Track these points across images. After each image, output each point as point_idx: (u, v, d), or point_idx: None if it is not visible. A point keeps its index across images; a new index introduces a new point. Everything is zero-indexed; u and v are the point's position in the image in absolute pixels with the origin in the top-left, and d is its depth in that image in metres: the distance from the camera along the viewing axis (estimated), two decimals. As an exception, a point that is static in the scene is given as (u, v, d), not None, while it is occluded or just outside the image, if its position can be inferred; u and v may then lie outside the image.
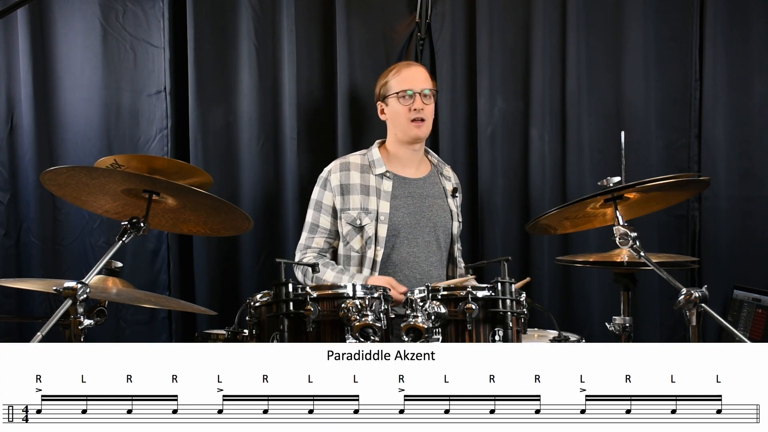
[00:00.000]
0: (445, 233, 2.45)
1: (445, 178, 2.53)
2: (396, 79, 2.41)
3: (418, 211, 2.41)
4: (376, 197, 2.38)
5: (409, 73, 2.41)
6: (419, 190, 2.44)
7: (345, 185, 2.40)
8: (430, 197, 2.45)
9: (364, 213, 2.36)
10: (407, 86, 2.38)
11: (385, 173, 2.41)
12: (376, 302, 1.71)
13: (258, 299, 1.79)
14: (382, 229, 2.35)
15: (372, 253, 2.34)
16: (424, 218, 2.41)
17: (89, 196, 1.79)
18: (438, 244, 2.43)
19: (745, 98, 2.76)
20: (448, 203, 2.48)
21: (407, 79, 2.40)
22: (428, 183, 2.48)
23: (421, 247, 2.39)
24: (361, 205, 2.37)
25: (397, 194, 2.40)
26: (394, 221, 2.37)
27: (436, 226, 2.42)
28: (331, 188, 2.41)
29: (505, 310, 1.69)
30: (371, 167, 2.43)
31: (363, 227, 2.36)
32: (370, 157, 2.45)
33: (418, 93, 2.37)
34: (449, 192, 2.50)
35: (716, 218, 2.78)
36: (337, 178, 2.41)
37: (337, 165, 2.45)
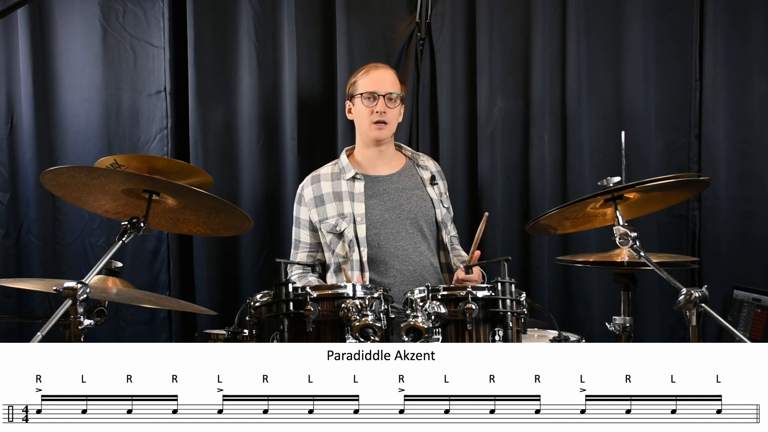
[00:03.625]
0: (428, 222, 2.45)
1: (422, 168, 2.53)
2: (363, 80, 2.43)
3: (396, 206, 2.42)
4: (350, 201, 2.40)
5: (377, 75, 2.42)
6: (393, 185, 2.46)
7: (318, 197, 2.43)
8: (407, 190, 2.46)
9: (341, 218, 2.38)
10: (372, 88, 2.39)
11: (355, 176, 2.43)
12: (376, 302, 1.71)
13: (258, 299, 1.79)
14: (362, 230, 2.36)
15: (357, 255, 2.35)
16: (403, 212, 2.41)
17: (89, 196, 1.79)
18: (423, 234, 2.43)
19: (745, 98, 2.75)
20: (426, 192, 2.48)
21: (374, 81, 2.41)
22: (402, 177, 2.49)
23: (406, 240, 2.40)
24: (337, 211, 2.40)
25: (370, 194, 2.42)
26: (372, 220, 2.38)
27: (416, 217, 2.42)
28: (305, 203, 2.46)
29: (505, 310, 1.69)
30: (341, 173, 2.45)
31: (343, 232, 2.37)
32: (339, 165, 2.49)
33: (382, 96, 2.38)
34: (427, 180, 2.50)
35: (716, 218, 2.78)
36: (310, 192, 2.45)
37: (308, 179, 2.50)
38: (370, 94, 2.39)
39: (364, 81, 2.42)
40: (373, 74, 2.42)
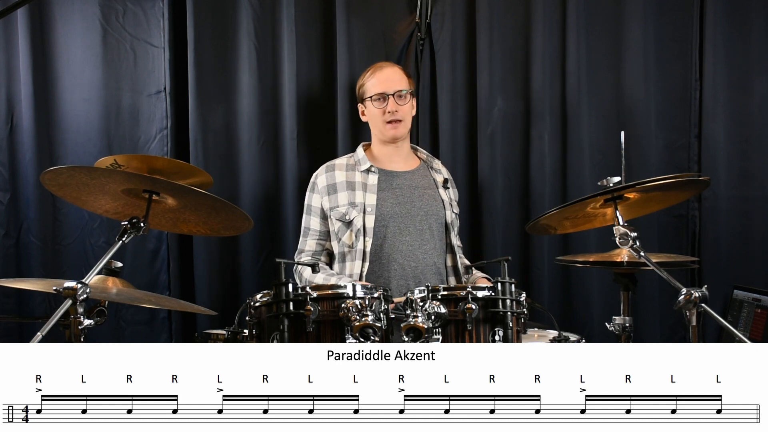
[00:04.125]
0: (438, 222, 2.45)
1: (435, 171, 2.55)
2: (370, 81, 2.45)
3: (408, 201, 2.42)
4: (363, 191, 2.41)
5: (383, 75, 2.44)
6: (407, 182, 2.46)
7: (331, 185, 2.44)
8: (420, 188, 2.47)
9: (352, 207, 2.39)
10: (381, 89, 2.41)
11: (370, 168, 2.44)
12: (376, 302, 1.71)
13: (258, 299, 1.79)
14: (370, 220, 2.37)
15: (361, 245, 2.36)
16: (414, 207, 2.42)
17: (89, 196, 1.79)
18: (431, 233, 2.43)
19: (745, 98, 2.75)
20: (439, 193, 2.49)
21: (381, 81, 2.43)
22: (416, 175, 2.50)
23: (413, 235, 2.40)
24: (348, 200, 2.40)
25: (383, 186, 2.43)
26: (382, 211, 2.39)
27: (427, 215, 2.43)
28: (318, 190, 2.46)
29: (505, 310, 1.69)
30: (356, 165, 2.47)
31: (352, 221, 2.38)
32: (355, 157, 2.50)
33: (391, 95, 2.39)
34: (440, 183, 2.51)
35: (716, 218, 2.78)
36: (324, 180, 2.46)
37: (323, 168, 2.51)
38: (379, 95, 2.41)
39: (371, 83, 2.44)
40: (378, 75, 2.44)
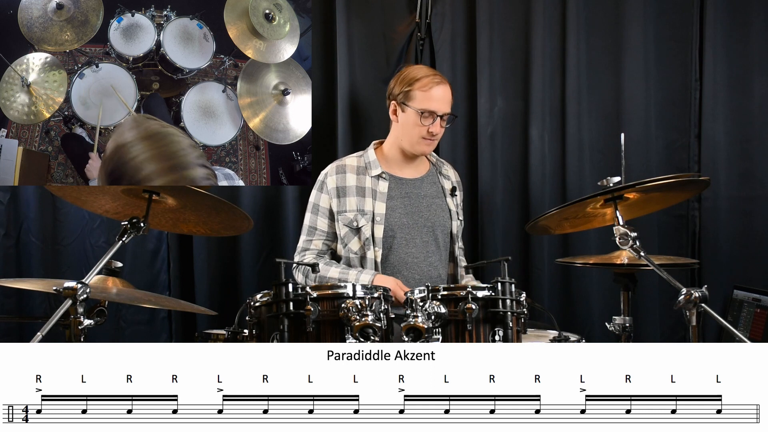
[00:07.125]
0: (444, 233, 2.44)
1: (444, 177, 2.52)
2: (423, 93, 2.30)
3: (415, 211, 2.40)
4: (372, 198, 2.37)
5: (439, 93, 2.31)
6: (416, 190, 2.44)
7: (341, 188, 2.39)
8: (428, 197, 2.44)
9: (361, 214, 2.36)
10: (433, 107, 2.29)
11: (381, 174, 2.40)
12: (376, 302, 1.71)
13: (258, 299, 1.78)
14: (379, 230, 2.35)
15: (372, 254, 2.34)
16: (421, 218, 2.40)
17: (89, 196, 1.79)
18: (437, 244, 2.42)
19: (745, 98, 2.75)
20: (446, 202, 2.47)
21: (435, 100, 2.30)
22: (426, 183, 2.47)
23: (419, 247, 2.38)
24: (357, 206, 2.36)
25: (393, 195, 2.39)
26: (391, 222, 2.36)
27: (434, 226, 2.41)
28: (327, 191, 2.40)
29: (505, 310, 1.69)
30: (367, 169, 2.42)
31: (360, 229, 2.35)
32: (366, 159, 2.44)
33: (440, 117, 2.31)
34: (448, 191, 2.49)
35: (716, 218, 2.77)
36: (334, 181, 2.40)
37: (333, 168, 2.43)
38: (429, 113, 2.29)
39: (424, 95, 2.30)
40: (434, 92, 2.30)
